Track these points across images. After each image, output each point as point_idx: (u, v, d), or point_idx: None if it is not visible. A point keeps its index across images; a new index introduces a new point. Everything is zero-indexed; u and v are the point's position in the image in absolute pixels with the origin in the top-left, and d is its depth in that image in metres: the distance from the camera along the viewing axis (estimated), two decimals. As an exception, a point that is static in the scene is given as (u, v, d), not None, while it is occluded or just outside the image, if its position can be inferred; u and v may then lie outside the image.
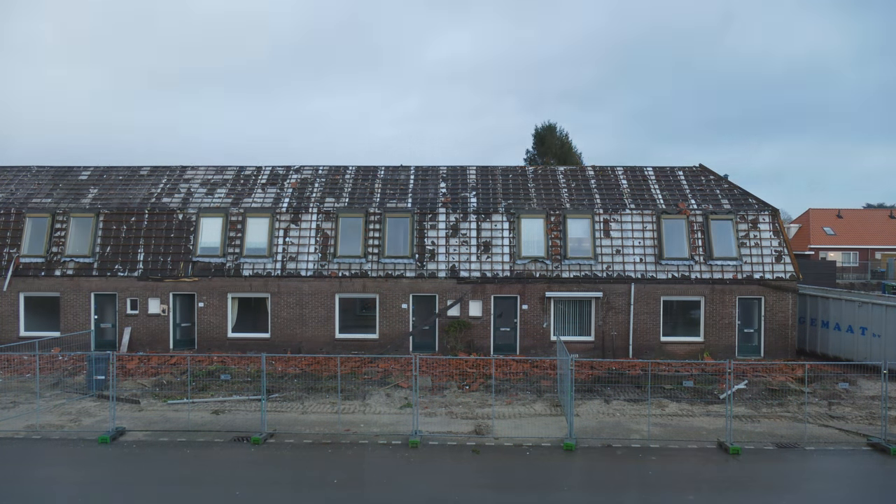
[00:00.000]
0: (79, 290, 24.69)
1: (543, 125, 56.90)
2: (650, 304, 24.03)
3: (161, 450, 14.41)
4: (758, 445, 14.71)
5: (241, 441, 14.87)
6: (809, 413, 16.89)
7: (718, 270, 24.03)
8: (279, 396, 18.71)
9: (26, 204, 25.94)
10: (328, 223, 25.10)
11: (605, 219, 24.86)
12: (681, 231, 24.61)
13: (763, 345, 24.17)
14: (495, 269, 24.29)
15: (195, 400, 18.12)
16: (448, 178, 27.23)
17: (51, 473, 13.23)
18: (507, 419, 16.58)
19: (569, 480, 13.06)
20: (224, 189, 26.66)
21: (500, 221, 25.00)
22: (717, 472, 13.26)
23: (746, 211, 24.88)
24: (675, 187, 26.25)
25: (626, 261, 24.25)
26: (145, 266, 24.64)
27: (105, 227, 25.21)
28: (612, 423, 16.32)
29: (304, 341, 24.42)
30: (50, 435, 15.37)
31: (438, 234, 24.85)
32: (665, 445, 14.66)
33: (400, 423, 16.17)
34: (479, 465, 13.61)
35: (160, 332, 24.73)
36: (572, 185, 26.56)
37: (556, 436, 15.12)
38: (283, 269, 24.44)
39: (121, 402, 17.79)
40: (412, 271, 24.32)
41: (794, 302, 24.05)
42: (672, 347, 24.06)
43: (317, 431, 15.46)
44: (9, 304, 24.86)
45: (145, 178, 27.53)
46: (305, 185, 26.83)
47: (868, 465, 13.87)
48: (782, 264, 24.11)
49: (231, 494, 11.96)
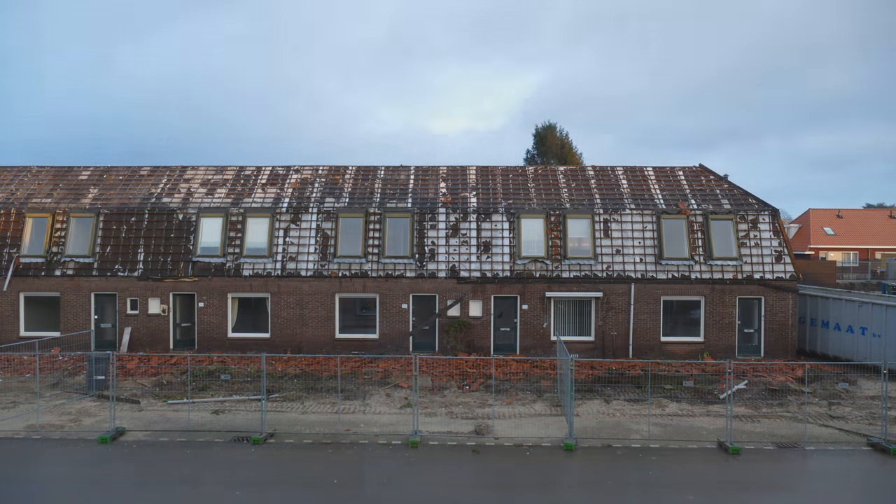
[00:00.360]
0: (79, 290, 24.70)
1: (543, 125, 56.86)
2: (650, 304, 24.03)
3: (161, 450, 14.42)
4: (758, 445, 14.71)
5: (241, 441, 14.88)
6: (809, 413, 16.90)
7: (718, 270, 24.03)
8: (279, 396, 18.71)
9: (26, 204, 25.95)
10: (328, 223, 25.11)
11: (605, 219, 24.86)
12: (681, 231, 24.61)
13: (763, 345, 24.17)
14: (495, 269, 24.29)
15: (195, 400, 18.13)
16: (448, 178, 27.23)
17: (51, 473, 13.23)
18: (507, 419, 16.58)
19: (569, 480, 13.07)
20: (224, 189, 26.66)
21: (500, 221, 25.00)
22: (717, 472, 13.26)
23: (746, 211, 24.88)
24: (675, 187, 26.25)
25: (626, 261, 24.25)
26: (145, 266, 24.65)
27: (105, 227, 25.21)
28: (612, 423, 16.32)
29: (304, 341, 24.42)
30: (50, 435, 15.37)
31: (438, 234, 24.85)
32: (665, 445, 14.66)
33: (400, 423, 16.17)
34: (479, 465, 13.61)
35: (160, 332, 24.73)
36: (572, 185, 26.56)
37: (556, 436, 15.12)
38: (283, 269, 24.44)
39: (121, 402, 17.80)
40: (412, 271, 24.32)
41: (794, 302, 24.05)
42: (672, 347, 24.06)
43: (317, 431, 15.46)
44: (9, 304, 24.86)
45: (145, 178, 27.53)
46: (305, 185, 26.83)
47: (868, 465, 13.88)
48: (782, 264, 24.11)
49: (231, 494, 11.97)
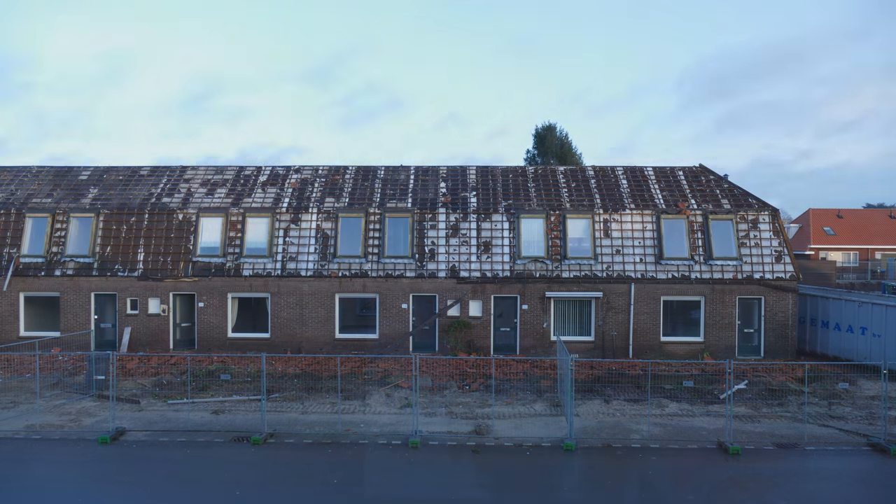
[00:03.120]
0: (79, 290, 24.69)
1: (543, 125, 56.83)
2: (650, 304, 24.03)
3: (161, 450, 14.41)
4: (758, 445, 14.71)
5: (241, 441, 14.87)
6: (809, 413, 16.89)
7: (718, 270, 24.03)
8: (279, 396, 18.70)
9: (26, 204, 25.94)
10: (328, 223, 25.11)
11: (605, 219, 24.85)
12: (681, 231, 24.61)
13: (763, 345, 24.17)
14: (495, 269, 24.29)
15: (195, 400, 18.13)
16: (448, 178, 27.23)
17: (51, 473, 13.22)
18: (507, 419, 16.58)
19: (569, 480, 13.07)
20: (224, 189, 26.66)
21: (500, 221, 25.00)
22: (717, 472, 13.25)
23: (746, 211, 24.87)
24: (675, 187, 26.24)
25: (626, 261, 24.25)
26: (145, 266, 24.64)
27: (105, 227, 25.21)
28: (612, 423, 16.32)
29: (304, 341, 24.42)
30: (50, 435, 15.37)
31: (438, 234, 24.85)
32: (665, 445, 14.65)
33: (400, 423, 16.17)
34: (479, 465, 13.61)
35: (160, 332, 24.73)
36: (572, 185, 26.56)
37: (556, 436, 15.12)
38: (283, 269, 24.44)
39: (121, 402, 17.80)
40: (412, 271, 24.32)
41: (794, 302, 24.05)
42: (672, 347, 24.06)
43: (317, 431, 15.45)
44: (9, 303, 24.86)
45: (145, 178, 27.53)
46: (305, 184, 26.83)
47: (868, 465, 13.88)
48: (782, 264, 24.11)
49: (231, 494, 11.96)
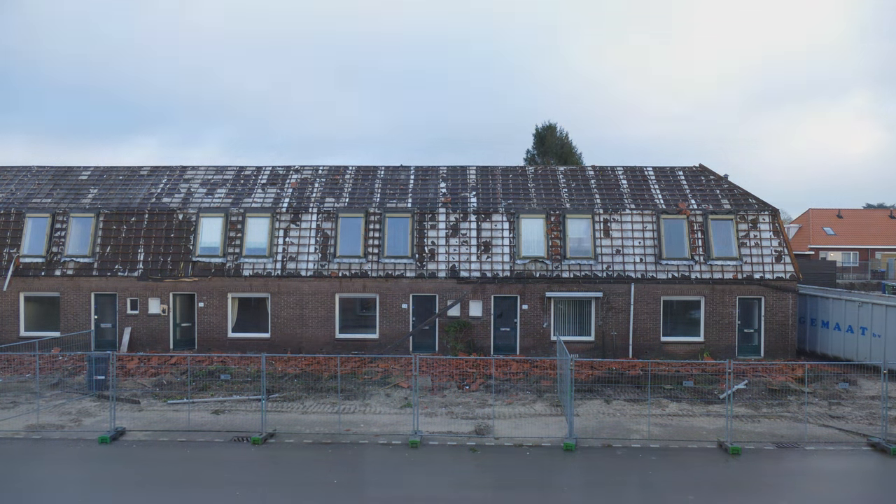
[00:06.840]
0: (79, 290, 24.69)
1: (543, 125, 56.81)
2: (650, 304, 24.03)
3: (161, 450, 14.41)
4: (758, 445, 14.71)
5: (241, 441, 14.87)
6: (809, 413, 16.89)
7: (718, 270, 24.02)
8: (279, 396, 18.71)
9: (26, 204, 25.94)
10: (328, 223, 25.11)
11: (605, 219, 24.85)
12: (681, 231, 24.61)
13: (763, 345, 24.16)
14: (495, 269, 24.29)
15: (195, 400, 18.13)
16: (448, 178, 27.23)
17: (51, 473, 13.22)
18: (507, 419, 16.58)
19: (569, 480, 13.06)
20: (224, 189, 26.66)
21: (500, 221, 24.99)
22: (717, 472, 13.26)
23: (746, 211, 24.87)
24: (675, 187, 26.24)
25: (626, 261, 24.25)
26: (145, 266, 24.64)
27: (105, 227, 25.21)
28: (612, 423, 16.32)
29: (304, 341, 24.42)
30: (50, 435, 15.36)
31: (438, 234, 24.84)
32: (665, 445, 14.65)
33: (400, 423, 16.17)
34: (479, 465, 13.60)
35: (160, 332, 24.73)
36: (572, 185, 26.56)
37: (556, 436, 15.12)
38: (283, 269, 24.44)
39: (121, 402, 17.79)
40: (412, 271, 24.32)
41: (794, 302, 24.05)
42: (672, 347, 24.06)
43: (317, 431, 15.46)
44: (9, 304, 24.86)
45: (145, 178, 27.53)
46: (305, 185, 26.83)
47: (868, 465, 13.87)
48: (782, 264, 24.11)
49: (231, 494, 11.96)
